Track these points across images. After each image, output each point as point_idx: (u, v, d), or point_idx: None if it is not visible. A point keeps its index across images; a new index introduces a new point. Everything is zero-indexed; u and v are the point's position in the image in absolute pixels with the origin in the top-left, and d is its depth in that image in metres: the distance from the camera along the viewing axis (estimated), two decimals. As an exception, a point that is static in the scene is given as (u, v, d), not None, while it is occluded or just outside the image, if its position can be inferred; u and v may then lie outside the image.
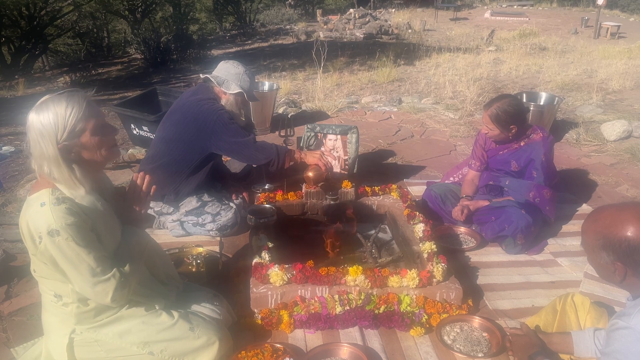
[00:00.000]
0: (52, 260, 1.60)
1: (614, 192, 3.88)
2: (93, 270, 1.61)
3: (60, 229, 1.55)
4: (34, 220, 1.57)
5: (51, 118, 1.57)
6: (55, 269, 1.64)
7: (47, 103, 1.60)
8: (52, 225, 1.54)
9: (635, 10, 21.16)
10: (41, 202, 1.57)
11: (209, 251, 2.83)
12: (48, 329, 1.83)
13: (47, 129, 1.57)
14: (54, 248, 1.56)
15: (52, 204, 1.56)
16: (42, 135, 1.57)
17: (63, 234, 1.55)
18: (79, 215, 1.60)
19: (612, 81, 7.41)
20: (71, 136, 1.60)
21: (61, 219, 1.55)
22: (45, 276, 1.70)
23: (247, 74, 3.07)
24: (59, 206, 1.57)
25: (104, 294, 1.64)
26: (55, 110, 1.58)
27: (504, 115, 2.96)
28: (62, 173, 1.60)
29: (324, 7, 23.52)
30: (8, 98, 8.55)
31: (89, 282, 1.61)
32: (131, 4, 16.76)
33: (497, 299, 2.53)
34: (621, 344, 1.36)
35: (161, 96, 5.07)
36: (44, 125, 1.57)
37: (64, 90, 1.69)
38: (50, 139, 1.57)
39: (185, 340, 1.87)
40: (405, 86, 7.91)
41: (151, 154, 3.11)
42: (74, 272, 1.61)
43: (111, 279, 1.64)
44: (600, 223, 1.45)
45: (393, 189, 3.32)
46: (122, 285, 1.67)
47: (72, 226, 1.56)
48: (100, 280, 1.62)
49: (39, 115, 1.58)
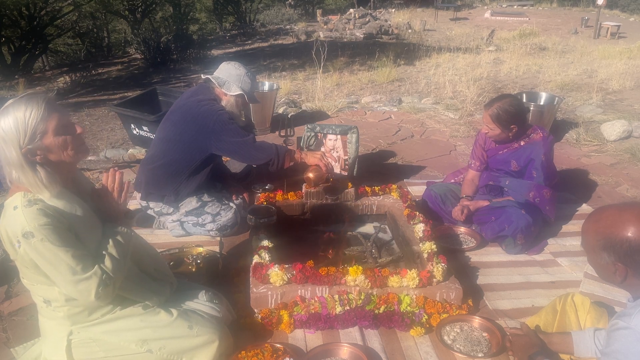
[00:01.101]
0: (32, 263, 1.60)
1: (614, 192, 3.88)
2: (73, 269, 1.59)
3: (33, 231, 1.54)
4: (10, 224, 1.57)
5: (11, 123, 1.55)
6: (37, 272, 1.63)
7: (7, 108, 1.58)
8: (25, 227, 1.54)
9: (635, 10, 21.16)
10: (14, 206, 1.58)
11: (209, 251, 2.83)
12: (45, 333, 1.84)
13: (9, 134, 1.55)
14: (32, 250, 1.56)
15: (24, 207, 1.56)
16: (4, 141, 1.56)
17: (37, 235, 1.54)
18: (53, 215, 1.59)
19: (612, 81, 7.41)
20: (33, 139, 1.58)
21: (33, 220, 1.55)
22: (32, 282, 1.70)
23: (249, 75, 3.06)
24: (30, 208, 1.56)
25: (87, 292, 1.63)
26: (15, 115, 1.56)
27: (505, 115, 2.96)
28: (27, 177, 1.59)
29: (324, 7, 23.52)
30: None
31: (70, 281, 1.60)
32: (131, 4, 16.76)
33: (497, 299, 2.53)
34: (621, 344, 1.35)
35: (161, 96, 5.07)
36: (5, 131, 1.55)
37: (23, 94, 1.67)
38: (13, 145, 1.56)
39: (184, 338, 1.86)
40: (405, 86, 7.91)
41: (151, 154, 3.11)
42: (55, 272, 1.60)
43: (93, 277, 1.62)
44: (601, 224, 1.45)
45: (393, 189, 3.32)
46: (104, 283, 1.65)
47: (45, 227, 1.56)
48: (81, 278, 1.61)
49: (1, 122, 1.56)
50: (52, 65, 15.22)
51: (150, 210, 3.10)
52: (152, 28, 15.42)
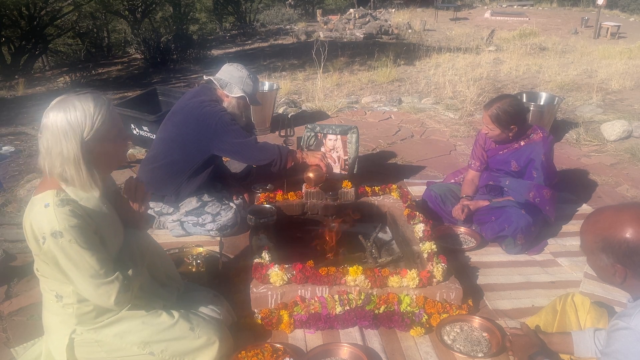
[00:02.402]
0: (54, 261, 1.60)
1: (614, 192, 3.88)
2: (96, 272, 1.60)
3: (63, 231, 1.54)
4: (37, 221, 1.57)
5: (79, 115, 1.56)
6: (57, 270, 1.63)
7: (72, 101, 1.58)
8: (55, 226, 1.54)
9: (635, 10, 21.16)
10: (45, 203, 1.57)
11: (209, 251, 2.83)
12: (49, 329, 1.83)
13: (74, 126, 1.56)
14: (57, 249, 1.56)
15: (56, 205, 1.56)
16: (65, 134, 1.55)
17: (66, 236, 1.55)
18: (83, 217, 1.60)
19: (612, 81, 7.41)
20: (96, 137, 1.59)
21: (65, 220, 1.55)
22: (47, 275, 1.70)
23: (251, 77, 3.06)
24: (62, 208, 1.56)
25: (107, 296, 1.64)
26: (83, 108, 1.58)
27: (504, 115, 2.96)
28: (79, 174, 1.59)
29: (324, 7, 23.52)
30: (8, 98, 8.54)
31: (91, 284, 1.61)
32: (131, 4, 16.77)
33: (497, 299, 2.53)
34: (621, 345, 1.35)
35: (161, 96, 5.07)
36: (71, 123, 1.55)
37: (85, 92, 1.69)
38: (75, 137, 1.56)
39: (186, 340, 1.87)
40: (405, 86, 7.91)
41: (152, 154, 3.11)
42: (77, 274, 1.60)
43: (114, 282, 1.64)
44: (599, 225, 1.44)
45: (393, 189, 3.32)
46: (125, 288, 1.67)
47: (75, 228, 1.56)
48: (103, 282, 1.62)
49: (66, 113, 1.56)
50: (52, 65, 15.22)
51: (150, 210, 3.10)
52: (152, 28, 15.43)
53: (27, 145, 5.10)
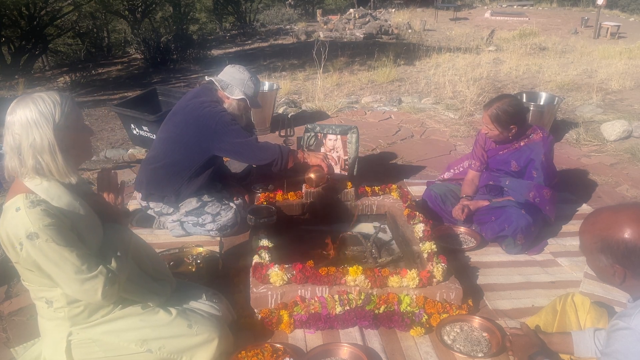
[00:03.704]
0: (36, 265, 1.59)
1: (614, 192, 3.88)
2: (78, 268, 1.59)
3: (38, 231, 1.53)
4: (12, 227, 1.56)
5: (49, 104, 1.59)
6: (40, 274, 1.62)
7: (37, 96, 1.60)
8: (29, 228, 1.53)
9: (635, 10, 21.16)
10: (16, 208, 1.56)
11: (209, 251, 2.83)
12: (45, 334, 1.83)
13: (46, 114, 1.57)
14: (36, 251, 1.55)
15: (27, 208, 1.55)
16: (36, 122, 1.56)
17: (42, 236, 1.53)
18: (56, 215, 1.59)
19: (612, 81, 7.41)
20: (66, 123, 1.61)
21: (38, 220, 1.54)
22: (33, 283, 1.69)
23: (252, 80, 3.06)
24: (34, 209, 1.55)
25: (93, 291, 1.62)
26: (50, 99, 1.60)
27: (504, 115, 2.96)
28: (55, 161, 1.60)
29: (324, 7, 23.51)
30: (8, 98, 8.54)
31: (76, 280, 1.60)
32: (131, 4, 16.75)
33: (497, 299, 2.53)
34: (622, 345, 1.35)
35: (161, 96, 5.07)
36: (42, 112, 1.57)
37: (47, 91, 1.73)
38: (48, 124, 1.57)
39: (184, 337, 1.86)
40: (405, 86, 7.91)
41: (153, 155, 3.10)
42: (60, 273, 1.59)
43: (99, 276, 1.62)
44: (597, 226, 1.45)
45: (393, 189, 3.32)
46: (110, 281, 1.65)
47: (50, 227, 1.55)
48: (87, 277, 1.60)
49: (35, 105, 1.57)
50: (52, 65, 15.22)
51: (150, 210, 3.10)
52: (152, 28, 15.42)
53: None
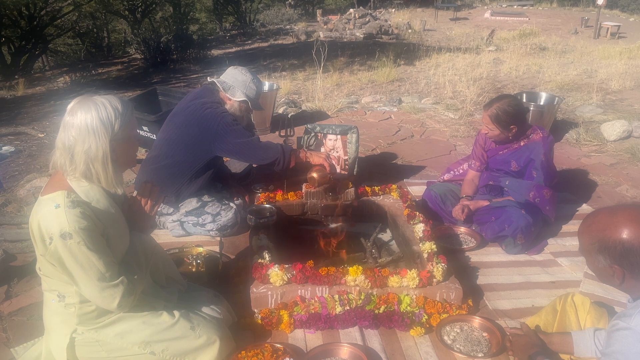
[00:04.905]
0: (60, 262, 1.60)
1: (614, 192, 3.88)
2: (102, 275, 1.61)
3: (73, 232, 1.55)
4: (46, 221, 1.57)
5: (111, 114, 1.60)
6: (62, 270, 1.63)
7: (100, 101, 1.61)
8: (65, 227, 1.54)
9: (635, 10, 21.16)
10: (55, 204, 1.57)
11: (209, 251, 2.83)
12: (49, 328, 1.83)
13: (106, 124, 1.59)
14: (65, 251, 1.56)
15: (66, 207, 1.56)
16: (95, 131, 1.58)
17: (75, 238, 1.55)
18: (92, 219, 1.61)
19: (612, 81, 7.41)
20: (123, 135, 1.63)
21: (75, 222, 1.55)
22: (50, 276, 1.70)
23: (254, 82, 3.06)
24: (73, 209, 1.57)
25: (111, 299, 1.65)
26: (113, 107, 1.62)
27: (504, 115, 2.96)
28: (106, 171, 1.62)
29: (324, 7, 23.54)
30: (8, 98, 8.53)
31: (97, 286, 1.62)
32: (131, 4, 16.76)
33: (497, 299, 2.53)
34: (622, 345, 1.36)
35: (161, 96, 5.07)
36: (103, 120, 1.58)
37: (107, 93, 1.74)
38: (107, 134, 1.59)
39: (186, 340, 1.87)
40: (405, 86, 7.91)
41: (154, 155, 3.10)
42: (83, 276, 1.61)
43: (119, 285, 1.65)
44: (595, 227, 1.45)
45: (393, 189, 3.32)
46: (129, 292, 1.67)
47: (85, 230, 1.57)
48: (108, 285, 1.63)
49: (97, 111, 1.59)
50: (52, 65, 15.23)
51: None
52: (152, 28, 15.42)
53: (27, 145, 5.10)
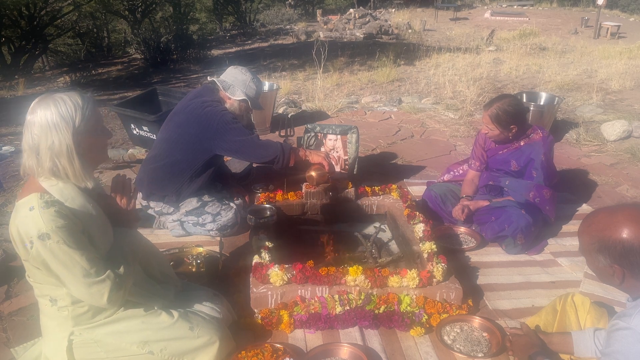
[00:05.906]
0: (44, 264, 1.59)
1: (614, 192, 3.87)
2: (87, 271, 1.59)
3: (50, 232, 1.53)
4: (23, 225, 1.56)
5: (70, 108, 1.59)
6: (48, 273, 1.62)
7: (59, 97, 1.60)
8: (42, 229, 1.53)
9: (635, 10, 21.16)
10: (30, 207, 1.56)
11: (209, 251, 2.83)
12: (46, 332, 1.83)
13: (66, 118, 1.57)
14: (46, 252, 1.55)
15: (41, 208, 1.55)
16: (56, 125, 1.56)
17: (54, 237, 1.54)
18: (69, 217, 1.59)
19: (612, 81, 7.41)
20: (86, 128, 1.61)
21: (51, 222, 1.54)
22: (39, 281, 1.69)
23: (254, 82, 3.06)
24: (48, 209, 1.55)
25: (100, 295, 1.63)
26: (72, 101, 1.60)
27: (504, 115, 2.96)
28: (72, 165, 1.60)
29: (324, 7, 23.53)
30: (8, 98, 8.54)
31: (83, 284, 1.60)
32: (131, 4, 16.75)
33: (497, 299, 2.53)
34: (622, 345, 1.36)
35: (161, 96, 5.07)
36: (62, 115, 1.57)
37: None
38: (68, 128, 1.57)
39: (185, 340, 1.87)
40: (405, 86, 7.91)
41: (154, 154, 3.10)
42: (68, 275, 1.59)
43: (106, 280, 1.63)
44: (594, 227, 1.45)
45: (393, 189, 3.32)
46: (117, 286, 1.66)
47: (62, 229, 1.55)
48: (94, 281, 1.61)
49: (57, 107, 1.57)
50: (52, 65, 15.23)
51: (150, 210, 3.11)
52: (152, 28, 15.41)
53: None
